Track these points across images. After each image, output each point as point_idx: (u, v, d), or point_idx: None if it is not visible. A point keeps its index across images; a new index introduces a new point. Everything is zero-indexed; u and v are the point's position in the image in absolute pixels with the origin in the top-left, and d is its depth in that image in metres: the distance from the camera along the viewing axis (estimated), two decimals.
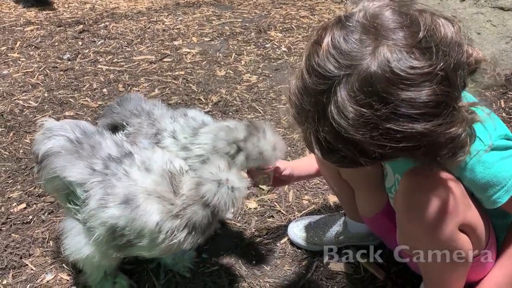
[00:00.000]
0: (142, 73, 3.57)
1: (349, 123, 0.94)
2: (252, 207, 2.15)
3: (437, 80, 0.91)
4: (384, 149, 0.94)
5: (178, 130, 1.66)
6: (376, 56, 0.91)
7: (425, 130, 0.93)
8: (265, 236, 1.99)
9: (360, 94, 0.92)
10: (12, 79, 3.45)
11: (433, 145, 0.96)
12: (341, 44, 0.94)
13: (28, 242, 1.96)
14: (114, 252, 1.48)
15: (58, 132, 1.57)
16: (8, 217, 2.09)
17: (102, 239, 1.44)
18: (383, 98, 0.91)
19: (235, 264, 1.84)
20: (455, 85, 0.95)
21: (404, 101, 0.90)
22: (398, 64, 0.90)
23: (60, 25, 4.56)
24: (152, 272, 1.80)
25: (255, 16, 4.91)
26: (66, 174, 1.48)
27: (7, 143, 2.65)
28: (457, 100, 0.97)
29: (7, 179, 2.35)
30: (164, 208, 1.40)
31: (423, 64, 0.91)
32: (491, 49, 3.62)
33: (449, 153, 0.99)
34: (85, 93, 3.25)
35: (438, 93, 0.91)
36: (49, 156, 1.53)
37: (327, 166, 1.69)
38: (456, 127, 0.95)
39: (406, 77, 0.90)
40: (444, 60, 0.92)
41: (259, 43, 4.15)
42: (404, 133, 0.93)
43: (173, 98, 3.17)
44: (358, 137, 0.94)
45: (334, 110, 0.95)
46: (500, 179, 1.18)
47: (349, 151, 0.98)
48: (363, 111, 0.92)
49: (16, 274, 1.82)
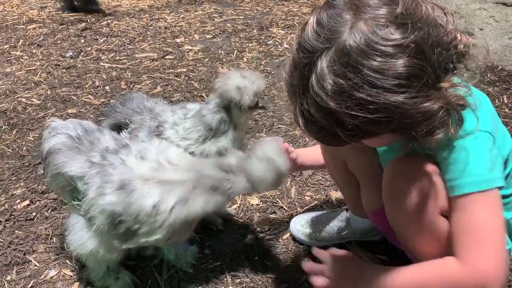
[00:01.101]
0: (144, 70, 3.57)
1: (326, 93, 0.98)
2: (254, 203, 2.16)
3: (410, 53, 0.95)
4: (357, 119, 0.98)
5: (177, 121, 1.71)
6: (353, 30, 0.96)
7: (396, 102, 0.96)
8: (267, 232, 1.99)
9: (336, 65, 0.97)
10: (15, 77, 3.47)
11: (406, 119, 0.99)
12: (324, 20, 1.00)
13: (31, 239, 1.97)
14: (118, 243, 1.49)
15: (61, 130, 1.62)
16: (11, 214, 2.11)
17: (103, 228, 1.46)
18: (357, 69, 0.95)
19: (237, 260, 1.84)
20: (431, 61, 0.97)
21: (376, 71, 0.94)
22: (372, 36, 0.94)
23: (63, 23, 4.57)
24: (155, 268, 1.81)
25: (257, 13, 4.91)
26: (67, 169, 1.52)
27: (10, 141, 2.66)
28: (437, 78, 1.00)
29: (10, 176, 2.36)
30: (167, 189, 1.41)
31: (396, 37, 0.95)
32: (494, 45, 3.61)
33: (425, 130, 1.02)
34: (87, 90, 3.26)
35: (410, 65, 0.95)
36: (51, 153, 1.58)
37: (333, 157, 1.69)
38: (431, 102, 0.98)
39: (379, 48, 0.94)
40: (420, 35, 0.96)
41: (261, 40, 4.15)
42: (376, 104, 0.96)
43: (175, 95, 3.17)
44: (334, 106, 0.98)
45: (314, 81, 1.00)
46: (472, 171, 1.15)
47: (326, 122, 1.02)
48: (339, 81, 0.97)
49: (20, 270, 1.83)
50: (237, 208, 2.13)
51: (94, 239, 1.51)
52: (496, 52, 3.59)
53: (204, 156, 1.66)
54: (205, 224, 2.00)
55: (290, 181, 2.29)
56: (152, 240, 1.45)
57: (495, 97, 3.08)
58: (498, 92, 3.16)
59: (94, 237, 1.51)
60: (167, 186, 1.41)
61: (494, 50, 3.60)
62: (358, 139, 1.06)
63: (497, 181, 1.17)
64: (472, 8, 3.78)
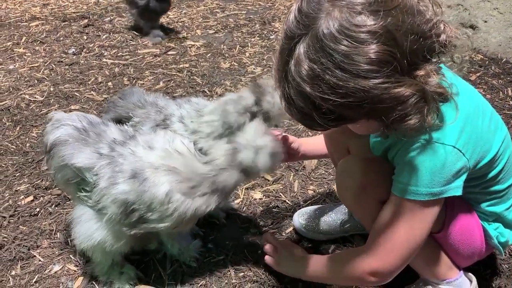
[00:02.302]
0: (147, 66, 3.57)
1: (302, 78, 1.03)
2: (257, 197, 2.16)
3: (380, 39, 0.97)
4: (329, 103, 1.02)
5: (185, 115, 1.65)
6: (328, 17, 0.99)
7: (366, 87, 0.98)
8: (270, 226, 1.99)
9: (311, 50, 1.01)
10: (18, 74, 3.48)
11: (377, 104, 1.01)
12: (304, 7, 1.04)
13: (35, 234, 1.98)
14: (127, 230, 1.50)
15: (66, 122, 1.61)
16: (16, 210, 2.12)
17: (115, 217, 1.47)
18: (329, 54, 0.98)
19: (240, 254, 1.85)
20: (403, 48, 0.99)
21: (346, 56, 0.97)
22: (344, 23, 0.97)
23: (65, 20, 4.57)
24: (159, 263, 1.81)
25: (259, 8, 4.89)
26: (74, 161, 1.51)
27: (14, 137, 2.67)
28: (411, 65, 1.02)
29: (14, 172, 2.37)
30: (176, 178, 1.42)
31: (368, 23, 0.97)
32: (498, 37, 3.58)
33: (398, 116, 1.04)
34: (90, 87, 3.26)
35: (380, 51, 0.97)
36: (57, 145, 1.57)
37: (336, 146, 1.69)
38: (402, 88, 1.00)
39: (350, 34, 0.97)
40: (392, 22, 0.98)
41: (264, 35, 4.14)
42: (346, 88, 0.99)
43: (178, 91, 3.17)
44: (309, 90, 1.02)
45: (292, 66, 1.05)
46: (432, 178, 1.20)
47: (304, 105, 1.06)
48: (313, 66, 1.01)
49: (24, 265, 1.84)
50: (240, 202, 2.13)
51: (102, 229, 1.53)
52: (500, 45, 3.56)
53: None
54: (208, 218, 2.01)
55: (293, 175, 2.29)
56: (159, 227, 1.47)
57: (499, 90, 3.06)
58: (503, 85, 3.13)
59: (102, 227, 1.52)
60: (176, 175, 1.43)
61: (498, 42, 3.57)
62: (335, 124, 1.10)
63: (444, 193, 1.21)
64: (476, 1, 3.75)
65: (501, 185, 1.37)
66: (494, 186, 1.37)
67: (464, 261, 1.51)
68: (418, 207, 1.23)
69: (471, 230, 1.42)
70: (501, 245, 1.46)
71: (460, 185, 1.23)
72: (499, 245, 1.45)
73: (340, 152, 1.66)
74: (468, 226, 1.42)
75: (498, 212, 1.41)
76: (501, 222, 1.44)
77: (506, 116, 2.73)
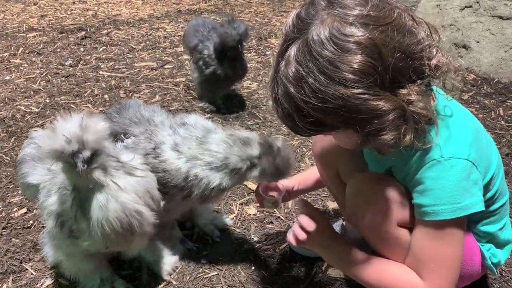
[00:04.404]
0: (143, 79, 3.59)
1: (288, 78, 1.08)
2: (251, 213, 2.16)
3: (365, 51, 1.01)
4: (309, 106, 1.06)
5: (180, 142, 1.63)
6: (320, 25, 1.04)
7: (344, 95, 1.02)
8: (264, 242, 1.99)
9: (300, 53, 1.06)
10: (14, 84, 3.48)
11: (354, 113, 1.04)
12: (302, 14, 1.09)
13: (28, 247, 1.96)
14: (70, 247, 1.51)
15: (35, 140, 1.67)
16: (8, 222, 2.11)
17: (53, 232, 1.49)
18: (315, 59, 1.03)
19: (234, 270, 1.85)
20: (387, 63, 1.02)
21: (331, 63, 1.01)
22: (334, 32, 1.02)
23: (62, 31, 4.60)
24: (151, 278, 1.81)
25: (256, 24, 4.95)
26: (28, 179, 1.59)
27: (8, 148, 2.67)
28: (394, 82, 1.05)
29: (8, 184, 2.36)
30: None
31: (356, 34, 1.01)
32: (490, 58, 3.64)
33: (373, 129, 1.07)
34: (86, 99, 3.27)
35: (363, 62, 1.01)
36: (20, 163, 1.65)
37: (326, 168, 1.70)
38: (380, 102, 1.04)
39: (338, 43, 1.01)
40: (380, 37, 1.02)
41: (260, 51, 4.18)
42: (326, 94, 1.03)
43: (174, 105, 3.19)
44: (293, 91, 1.07)
45: (282, 66, 1.10)
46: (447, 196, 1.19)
47: (288, 106, 1.10)
48: (299, 68, 1.06)
49: (16, 278, 1.82)
50: (234, 217, 2.13)
51: (51, 248, 1.60)
52: (492, 65, 3.62)
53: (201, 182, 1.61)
54: (202, 235, 2.01)
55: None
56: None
57: (491, 110, 3.11)
58: (494, 105, 3.18)
59: (52, 245, 1.59)
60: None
61: (490, 62, 3.64)
62: (314, 129, 1.12)
63: (470, 208, 1.21)
64: (469, 21, 3.83)
65: (495, 204, 1.39)
66: (491, 206, 1.38)
67: (463, 282, 1.50)
68: (452, 224, 1.21)
69: (472, 251, 1.42)
70: (493, 265, 1.47)
71: (482, 199, 1.23)
72: (492, 265, 1.46)
73: (330, 174, 1.69)
74: (470, 247, 1.42)
75: (492, 232, 1.42)
76: (493, 243, 1.45)
77: (497, 135, 2.77)
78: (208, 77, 2.96)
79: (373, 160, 1.47)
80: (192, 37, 3.07)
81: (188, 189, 1.62)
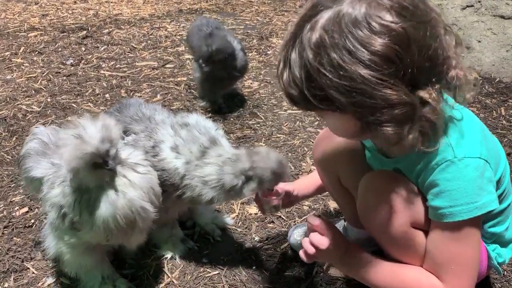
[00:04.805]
0: (144, 79, 3.59)
1: (309, 43, 1.04)
2: (252, 212, 2.16)
3: (393, 38, 1.00)
4: (324, 79, 1.03)
5: (180, 144, 1.62)
6: (358, 1, 1.02)
7: (362, 76, 1.00)
8: (265, 242, 1.99)
9: (329, 22, 1.03)
10: (16, 84, 3.48)
11: (366, 97, 1.03)
12: None
13: (30, 246, 1.97)
14: (71, 238, 1.53)
15: (37, 136, 1.69)
16: (10, 221, 2.11)
17: (55, 223, 1.51)
18: (343, 32, 1.01)
19: (235, 269, 1.85)
20: (411, 57, 1.02)
21: (357, 41, 1.00)
22: (370, 11, 1.01)
23: (64, 31, 4.60)
24: (153, 277, 1.81)
25: (257, 23, 4.95)
26: (32, 173, 1.60)
27: (10, 148, 2.67)
28: (414, 80, 1.04)
29: (9, 183, 2.37)
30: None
31: (389, 19, 1.00)
32: (491, 57, 3.64)
33: (377, 119, 1.06)
34: (87, 98, 3.28)
35: (388, 47, 1.00)
36: (24, 158, 1.66)
37: (328, 175, 1.70)
38: (394, 92, 1.02)
39: (369, 22, 1.00)
40: (412, 30, 1.01)
41: (261, 50, 4.18)
42: (345, 71, 1.01)
43: (175, 104, 3.19)
44: (311, 57, 1.04)
45: (305, 30, 1.06)
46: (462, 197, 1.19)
47: (299, 72, 1.07)
48: (324, 36, 1.03)
49: (17, 277, 1.83)
50: (235, 217, 2.14)
51: (53, 239, 1.60)
52: (493, 64, 3.62)
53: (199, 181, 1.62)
54: (203, 235, 2.01)
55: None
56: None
57: (492, 109, 3.10)
58: (496, 104, 3.18)
59: (53, 237, 1.59)
60: None
61: (492, 62, 3.63)
62: (318, 105, 1.09)
63: (487, 206, 1.20)
64: (470, 21, 3.82)
65: (503, 204, 1.38)
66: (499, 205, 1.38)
67: None
68: (469, 223, 1.21)
69: (480, 252, 1.41)
70: (499, 265, 1.47)
71: (496, 196, 1.23)
72: (498, 265, 1.46)
73: (331, 179, 1.69)
74: None
75: (498, 232, 1.42)
76: (498, 243, 1.45)
77: (499, 135, 2.77)
78: (207, 76, 2.96)
79: (377, 164, 1.46)
80: (195, 36, 3.08)
81: (181, 189, 1.63)
